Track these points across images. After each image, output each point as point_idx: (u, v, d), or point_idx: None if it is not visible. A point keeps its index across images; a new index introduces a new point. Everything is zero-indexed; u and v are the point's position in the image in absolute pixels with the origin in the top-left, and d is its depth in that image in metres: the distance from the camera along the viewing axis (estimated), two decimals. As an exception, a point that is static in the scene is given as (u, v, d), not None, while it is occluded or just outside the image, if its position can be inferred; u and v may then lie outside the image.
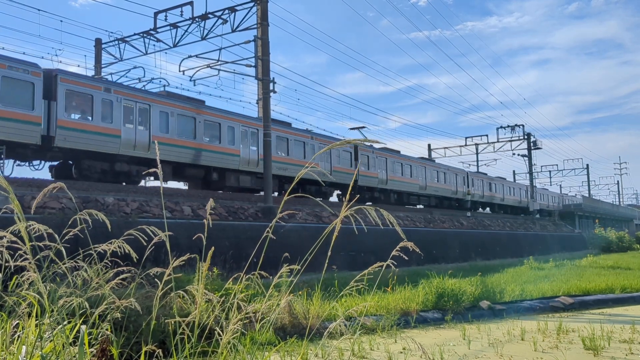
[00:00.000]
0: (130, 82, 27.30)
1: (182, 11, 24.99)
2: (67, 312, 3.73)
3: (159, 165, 3.62)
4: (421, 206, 39.74)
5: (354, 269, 14.31)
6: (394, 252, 3.49)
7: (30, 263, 3.48)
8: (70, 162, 20.01)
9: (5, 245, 3.79)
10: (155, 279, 3.83)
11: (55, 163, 20.29)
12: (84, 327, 3.20)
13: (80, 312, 3.71)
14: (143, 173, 20.64)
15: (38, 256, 3.56)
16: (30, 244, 3.49)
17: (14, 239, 3.56)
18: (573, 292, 14.14)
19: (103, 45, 28.38)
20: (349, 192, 3.35)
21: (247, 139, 24.82)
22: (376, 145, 34.04)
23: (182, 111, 22.16)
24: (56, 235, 3.77)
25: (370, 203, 32.43)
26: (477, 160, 59.04)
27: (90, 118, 19.13)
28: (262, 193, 23.80)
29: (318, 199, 4.74)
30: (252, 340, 5.44)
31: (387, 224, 3.17)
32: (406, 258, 3.54)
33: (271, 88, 22.83)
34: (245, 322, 3.44)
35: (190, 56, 25.95)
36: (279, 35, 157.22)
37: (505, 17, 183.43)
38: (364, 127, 42.06)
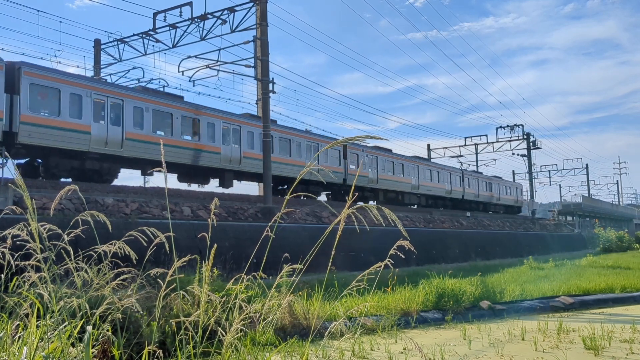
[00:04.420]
0: (129, 83, 27.33)
1: (181, 12, 25.00)
2: (68, 313, 3.72)
3: (164, 165, 3.62)
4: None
5: (354, 269, 14.30)
6: (392, 252, 3.48)
7: (38, 261, 3.48)
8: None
9: (9, 247, 3.79)
10: (157, 280, 3.82)
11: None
12: (89, 327, 3.20)
13: (81, 313, 3.71)
14: (147, 171, 20.60)
15: (39, 256, 3.55)
16: (37, 244, 3.50)
17: (25, 237, 3.56)
18: (573, 291, 14.13)
19: (102, 46, 28.39)
20: (351, 192, 3.35)
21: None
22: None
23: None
24: (65, 235, 3.77)
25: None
26: (477, 160, 59.09)
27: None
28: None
29: (313, 199, 4.73)
30: (253, 340, 5.43)
31: (389, 224, 3.17)
32: (403, 256, 3.53)
33: (270, 88, 22.83)
34: (246, 322, 3.43)
35: (189, 57, 25.96)
36: (278, 36, 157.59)
37: (502, 18, 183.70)
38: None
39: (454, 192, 43.32)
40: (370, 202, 33.17)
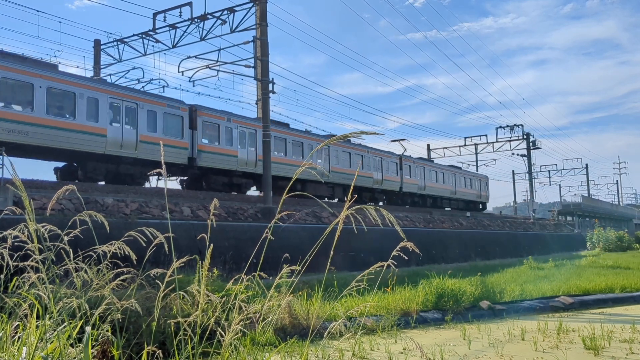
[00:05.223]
0: (129, 83, 27.31)
1: (181, 12, 25.01)
2: (67, 314, 3.72)
3: (164, 166, 3.61)
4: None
5: (353, 269, 14.31)
6: (394, 252, 3.49)
7: (37, 263, 3.49)
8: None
9: (8, 247, 3.79)
10: (156, 280, 3.82)
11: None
12: (88, 328, 3.20)
13: (80, 313, 3.71)
14: (151, 172, 20.53)
15: (39, 257, 3.55)
16: (35, 245, 3.50)
17: (23, 238, 3.57)
18: (573, 291, 14.13)
19: (102, 46, 28.40)
20: (350, 192, 3.35)
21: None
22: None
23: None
24: (64, 237, 3.77)
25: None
26: (477, 160, 59.13)
27: None
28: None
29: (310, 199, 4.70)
30: (253, 340, 5.44)
31: (387, 224, 3.17)
32: (406, 258, 3.54)
33: (270, 89, 22.83)
34: (246, 322, 3.44)
35: (189, 57, 25.97)
36: (278, 36, 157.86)
37: (501, 18, 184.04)
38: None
39: (387, 182, 34.96)
40: (252, 192, 26.57)
